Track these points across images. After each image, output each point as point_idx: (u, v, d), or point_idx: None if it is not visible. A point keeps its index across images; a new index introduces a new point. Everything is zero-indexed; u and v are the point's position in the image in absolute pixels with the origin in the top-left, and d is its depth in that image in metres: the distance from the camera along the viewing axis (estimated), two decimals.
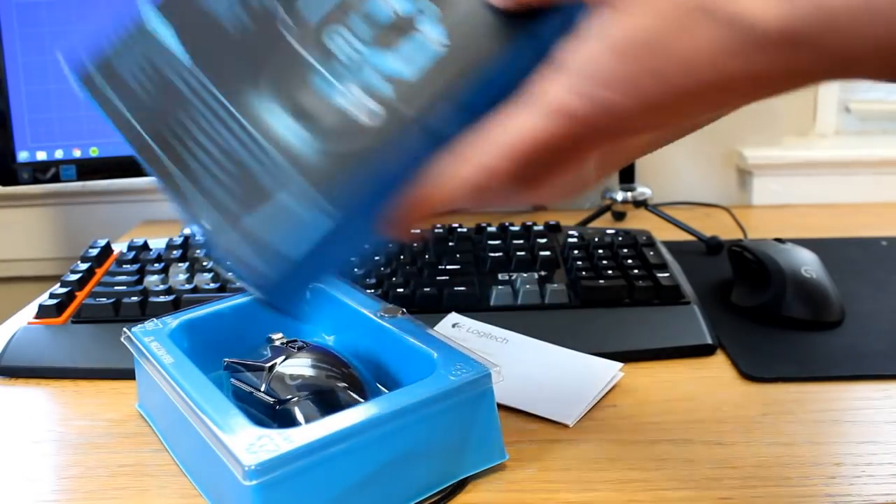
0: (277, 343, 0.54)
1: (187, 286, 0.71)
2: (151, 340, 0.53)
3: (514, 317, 0.67)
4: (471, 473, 0.49)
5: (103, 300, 0.69)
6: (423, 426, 0.46)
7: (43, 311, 0.68)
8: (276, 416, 0.49)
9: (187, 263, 0.76)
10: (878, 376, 0.60)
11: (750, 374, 0.60)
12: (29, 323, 0.68)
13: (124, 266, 0.76)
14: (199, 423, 0.45)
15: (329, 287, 0.60)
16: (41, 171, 0.88)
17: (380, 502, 0.46)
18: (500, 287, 0.70)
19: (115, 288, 0.71)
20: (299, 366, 0.51)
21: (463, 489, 0.48)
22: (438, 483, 0.48)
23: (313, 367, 0.51)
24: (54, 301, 0.69)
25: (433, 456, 0.47)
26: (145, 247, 0.80)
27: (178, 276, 0.74)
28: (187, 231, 0.95)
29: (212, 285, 0.71)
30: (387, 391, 0.51)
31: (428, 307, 0.68)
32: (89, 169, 0.89)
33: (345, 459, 0.43)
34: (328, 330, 0.60)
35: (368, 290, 0.62)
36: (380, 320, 0.55)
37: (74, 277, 0.74)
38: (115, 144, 0.89)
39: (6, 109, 0.86)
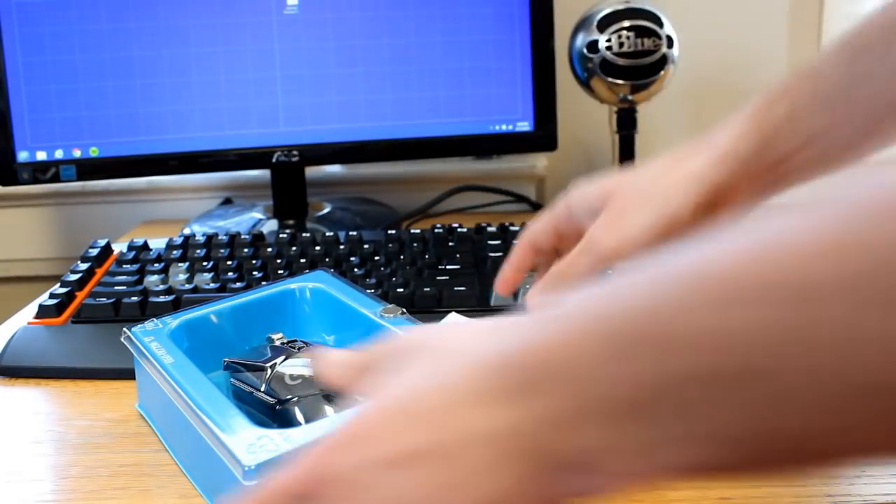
0: (277, 343, 0.54)
1: (187, 286, 0.71)
2: (151, 340, 0.53)
3: None
4: None
5: (103, 300, 0.69)
6: None
7: (43, 311, 0.68)
8: (276, 416, 0.49)
9: (187, 263, 0.76)
10: None
11: None
12: (29, 323, 0.68)
13: (124, 266, 0.76)
14: (199, 423, 0.45)
15: (329, 287, 0.60)
16: (41, 171, 0.88)
17: None
18: None
19: (115, 288, 0.71)
20: (299, 366, 0.51)
21: None
22: None
23: (313, 367, 0.51)
24: (54, 301, 0.69)
25: None
26: (145, 247, 0.80)
27: (178, 276, 0.74)
28: (187, 231, 0.95)
29: (212, 285, 0.71)
30: None
31: (428, 307, 0.68)
32: (89, 169, 0.89)
33: None
34: (328, 330, 0.60)
35: (369, 290, 0.62)
36: (380, 320, 0.55)
37: (74, 277, 0.74)
38: (115, 144, 0.89)
39: (6, 109, 0.86)
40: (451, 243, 0.78)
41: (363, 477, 0.29)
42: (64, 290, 0.71)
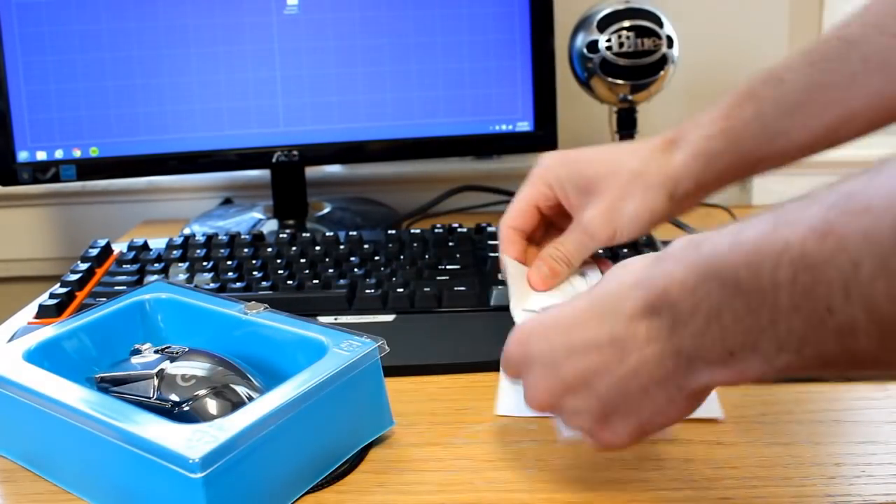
0: (149, 352, 0.53)
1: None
2: (11, 372, 0.51)
3: None
4: (370, 440, 0.52)
5: (103, 300, 0.69)
6: (333, 399, 0.48)
7: (43, 311, 0.68)
8: (175, 419, 0.47)
9: (187, 263, 0.76)
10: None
11: None
12: (29, 323, 0.68)
13: (124, 266, 0.76)
14: (119, 438, 0.44)
15: (177, 295, 0.60)
16: (41, 171, 0.88)
17: (307, 473, 0.48)
18: (500, 287, 0.69)
19: (115, 288, 0.71)
20: (188, 367, 0.50)
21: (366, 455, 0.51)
22: (345, 453, 0.50)
23: (201, 366, 0.51)
24: (54, 301, 0.69)
25: (342, 426, 0.50)
26: (145, 247, 0.80)
27: (178, 276, 0.74)
28: (187, 231, 0.95)
29: (212, 285, 0.71)
30: (276, 382, 0.49)
31: (428, 307, 0.68)
32: (89, 169, 0.89)
33: (277, 439, 0.45)
34: (188, 338, 0.58)
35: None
36: (246, 317, 0.55)
37: (74, 277, 0.74)
38: (115, 144, 0.89)
39: (6, 109, 0.86)
40: (451, 243, 0.78)
41: (554, 355, 0.44)
42: (64, 289, 0.71)
